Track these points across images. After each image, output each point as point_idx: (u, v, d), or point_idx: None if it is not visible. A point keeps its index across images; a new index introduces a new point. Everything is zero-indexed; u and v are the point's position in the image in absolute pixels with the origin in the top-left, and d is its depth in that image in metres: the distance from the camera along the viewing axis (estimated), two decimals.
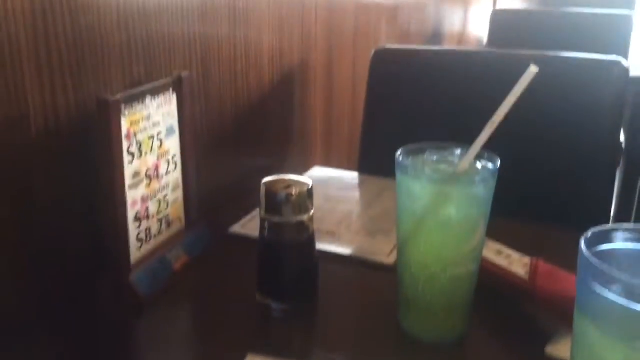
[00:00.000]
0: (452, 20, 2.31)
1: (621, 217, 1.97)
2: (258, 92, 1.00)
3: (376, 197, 0.94)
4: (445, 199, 0.55)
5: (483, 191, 0.55)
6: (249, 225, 0.84)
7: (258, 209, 0.65)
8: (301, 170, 1.07)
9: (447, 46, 2.23)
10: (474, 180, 0.55)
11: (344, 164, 1.34)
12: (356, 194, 0.98)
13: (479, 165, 0.57)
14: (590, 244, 0.41)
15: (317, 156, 1.26)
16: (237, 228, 0.84)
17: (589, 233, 0.41)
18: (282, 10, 1.04)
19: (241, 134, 0.98)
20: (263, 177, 1.06)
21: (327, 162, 1.30)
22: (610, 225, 0.42)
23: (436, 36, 2.14)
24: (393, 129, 1.08)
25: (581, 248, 0.40)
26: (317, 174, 1.05)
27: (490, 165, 0.57)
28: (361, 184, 1.03)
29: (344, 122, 1.37)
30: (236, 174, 0.98)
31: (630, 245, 0.43)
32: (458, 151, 0.59)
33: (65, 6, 0.61)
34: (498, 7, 2.54)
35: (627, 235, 0.43)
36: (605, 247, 0.43)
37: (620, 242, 0.43)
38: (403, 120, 1.07)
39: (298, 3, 1.10)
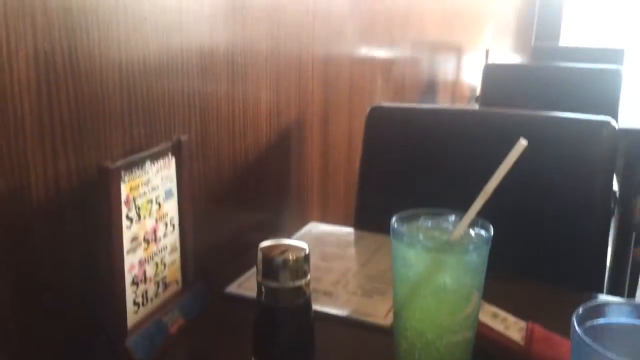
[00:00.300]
0: (446, 70, 2.36)
1: (618, 265, 1.97)
2: (255, 149, 1.02)
3: (372, 255, 0.95)
4: (440, 267, 0.56)
5: (477, 259, 0.56)
6: (246, 285, 0.84)
7: (254, 267, 0.65)
8: (298, 225, 1.08)
9: (441, 103, 2.28)
10: (468, 249, 0.56)
11: (340, 218, 1.35)
12: (352, 252, 0.99)
13: (472, 232, 0.58)
14: (582, 320, 0.42)
15: (313, 210, 1.27)
16: (233, 288, 0.84)
17: (580, 310, 0.42)
18: (280, 64, 1.07)
19: (238, 191, 0.99)
20: (260, 232, 1.07)
21: (324, 216, 1.31)
22: (601, 300, 0.43)
23: (430, 86, 2.18)
24: (388, 185, 1.09)
25: (573, 325, 0.41)
26: (313, 231, 1.06)
27: (483, 232, 0.58)
28: (357, 240, 1.03)
29: (340, 175, 1.38)
30: (233, 230, 0.99)
31: (622, 320, 0.44)
32: (452, 217, 0.60)
33: (69, 73, 0.63)
34: (490, 61, 2.60)
35: (618, 309, 0.44)
36: (597, 322, 0.43)
37: (611, 317, 0.44)
38: (398, 177, 1.09)
39: (295, 57, 1.13)
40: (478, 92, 2.24)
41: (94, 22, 0.65)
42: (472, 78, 2.65)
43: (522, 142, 0.51)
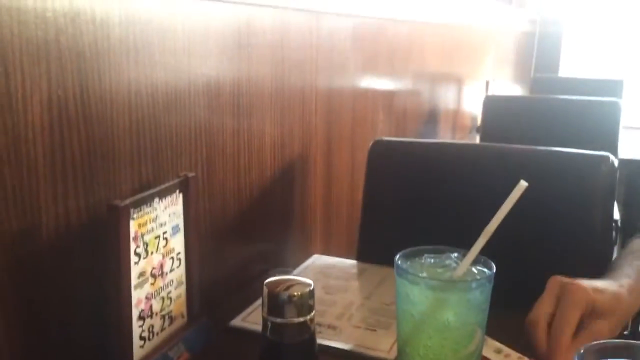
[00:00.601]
0: (447, 101, 2.39)
1: None
2: (260, 183, 1.04)
3: (376, 288, 0.96)
4: (443, 305, 0.57)
5: (480, 296, 0.57)
6: (250, 318, 0.85)
7: (258, 300, 0.66)
8: (301, 257, 1.09)
9: (442, 133, 2.30)
10: (471, 286, 0.57)
11: (343, 250, 1.36)
12: (356, 284, 0.99)
13: (475, 270, 0.59)
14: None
15: (317, 242, 1.28)
16: (238, 321, 0.84)
17: (582, 349, 0.43)
18: (284, 99, 1.09)
19: (243, 225, 1.01)
20: (264, 265, 1.08)
21: (327, 248, 1.31)
22: (601, 342, 0.44)
23: (432, 117, 2.20)
24: (391, 218, 1.10)
25: None
26: (317, 263, 1.07)
27: (486, 270, 0.59)
28: (361, 273, 1.04)
29: (343, 208, 1.39)
30: (237, 263, 1.00)
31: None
32: (455, 255, 0.61)
33: (81, 116, 0.65)
34: (490, 92, 2.63)
35: (620, 349, 0.45)
36: None
37: (613, 357, 0.44)
38: (401, 210, 1.10)
39: (298, 91, 1.15)
40: (479, 122, 2.26)
41: (105, 65, 0.67)
42: (473, 108, 2.68)
43: (523, 184, 0.53)
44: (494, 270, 0.58)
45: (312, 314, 0.65)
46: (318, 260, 1.09)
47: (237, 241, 1.00)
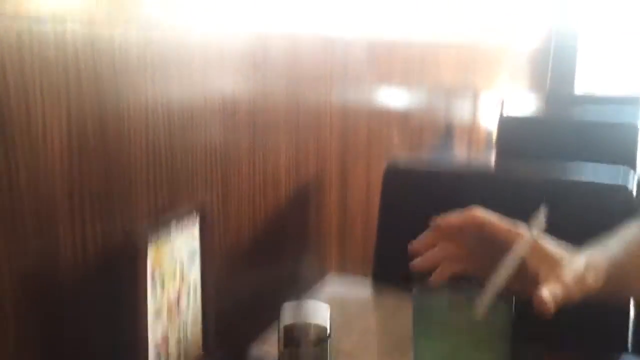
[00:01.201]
0: (462, 116, 2.38)
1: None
2: (275, 203, 1.03)
3: (392, 315, 0.95)
4: (462, 342, 0.56)
5: (500, 332, 0.56)
6: (265, 348, 0.84)
7: (275, 325, 0.66)
8: (316, 276, 1.08)
9: (458, 148, 2.28)
10: (491, 323, 0.56)
11: (358, 268, 1.35)
12: (373, 310, 0.99)
13: (494, 307, 0.58)
14: None
15: (332, 261, 1.27)
16: (254, 350, 0.84)
17: None
18: (299, 118, 1.09)
19: (258, 247, 1.00)
20: (280, 286, 1.07)
21: (342, 266, 1.30)
22: None
23: (447, 132, 2.19)
24: (407, 238, 1.09)
25: None
26: (333, 288, 1.06)
27: (505, 306, 0.58)
28: (377, 298, 1.03)
29: (358, 226, 1.39)
30: (253, 286, 0.99)
31: None
32: (473, 289, 0.60)
33: (99, 142, 0.65)
34: (505, 108, 2.60)
35: None
36: None
37: None
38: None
39: (313, 109, 1.15)
40: (494, 138, 2.25)
41: (123, 85, 0.67)
42: (488, 124, 2.67)
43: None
44: (514, 305, 0.57)
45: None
46: (334, 282, 1.08)
47: (252, 262, 1.00)
